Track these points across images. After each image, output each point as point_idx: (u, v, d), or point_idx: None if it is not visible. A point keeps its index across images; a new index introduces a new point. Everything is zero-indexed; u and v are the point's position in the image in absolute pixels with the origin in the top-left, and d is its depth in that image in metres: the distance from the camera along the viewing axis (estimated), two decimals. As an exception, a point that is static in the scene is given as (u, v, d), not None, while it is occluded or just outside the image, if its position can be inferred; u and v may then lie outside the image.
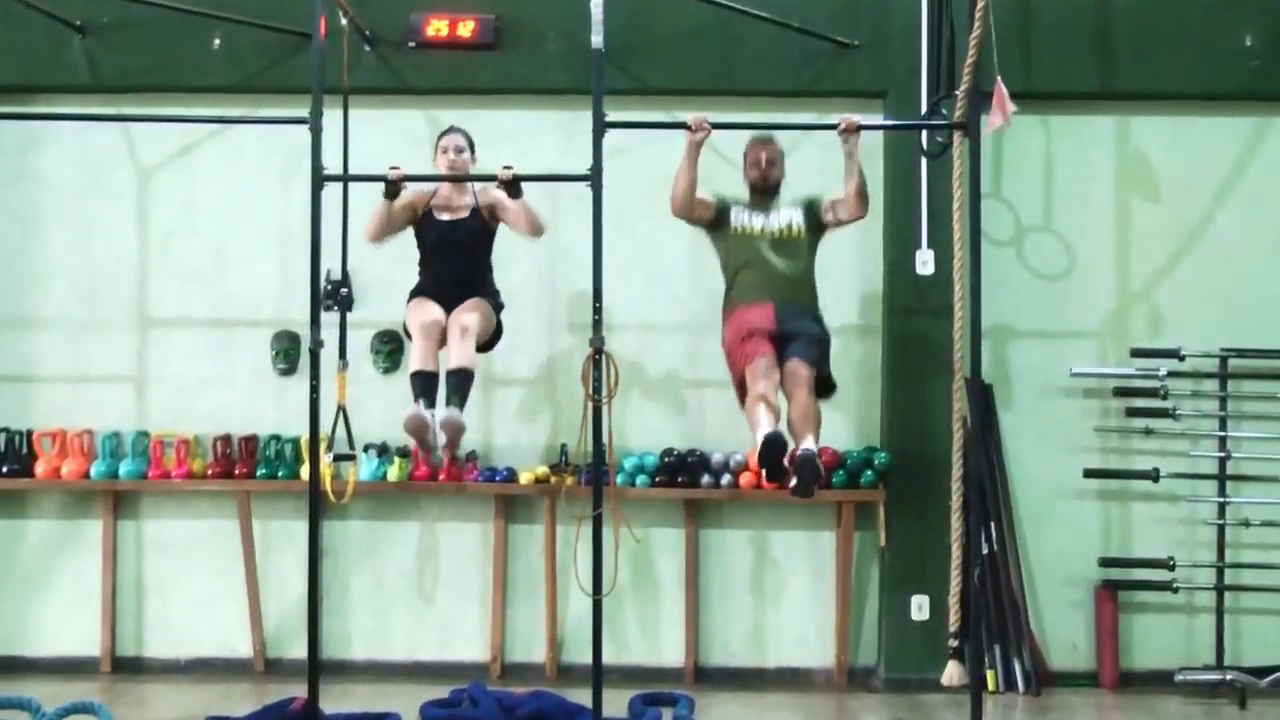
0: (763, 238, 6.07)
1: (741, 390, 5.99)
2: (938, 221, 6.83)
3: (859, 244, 7.01)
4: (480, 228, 6.22)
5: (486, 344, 6.28)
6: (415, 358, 5.98)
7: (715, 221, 6.18)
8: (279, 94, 7.05)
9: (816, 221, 6.18)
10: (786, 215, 6.13)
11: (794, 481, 5.77)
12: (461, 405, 5.91)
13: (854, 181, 5.99)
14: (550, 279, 7.21)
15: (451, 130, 6.34)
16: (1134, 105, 7.24)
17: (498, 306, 6.32)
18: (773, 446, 5.63)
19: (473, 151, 6.31)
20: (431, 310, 6.07)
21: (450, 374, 5.95)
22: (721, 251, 6.24)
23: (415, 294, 6.24)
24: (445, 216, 6.19)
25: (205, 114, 7.06)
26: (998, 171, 7.17)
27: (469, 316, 6.04)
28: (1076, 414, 7.15)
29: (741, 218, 6.13)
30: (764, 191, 6.16)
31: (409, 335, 6.15)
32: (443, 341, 6.05)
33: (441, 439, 5.82)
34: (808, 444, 5.74)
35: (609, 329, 5.92)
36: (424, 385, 5.95)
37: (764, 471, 5.77)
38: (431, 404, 5.91)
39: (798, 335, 5.97)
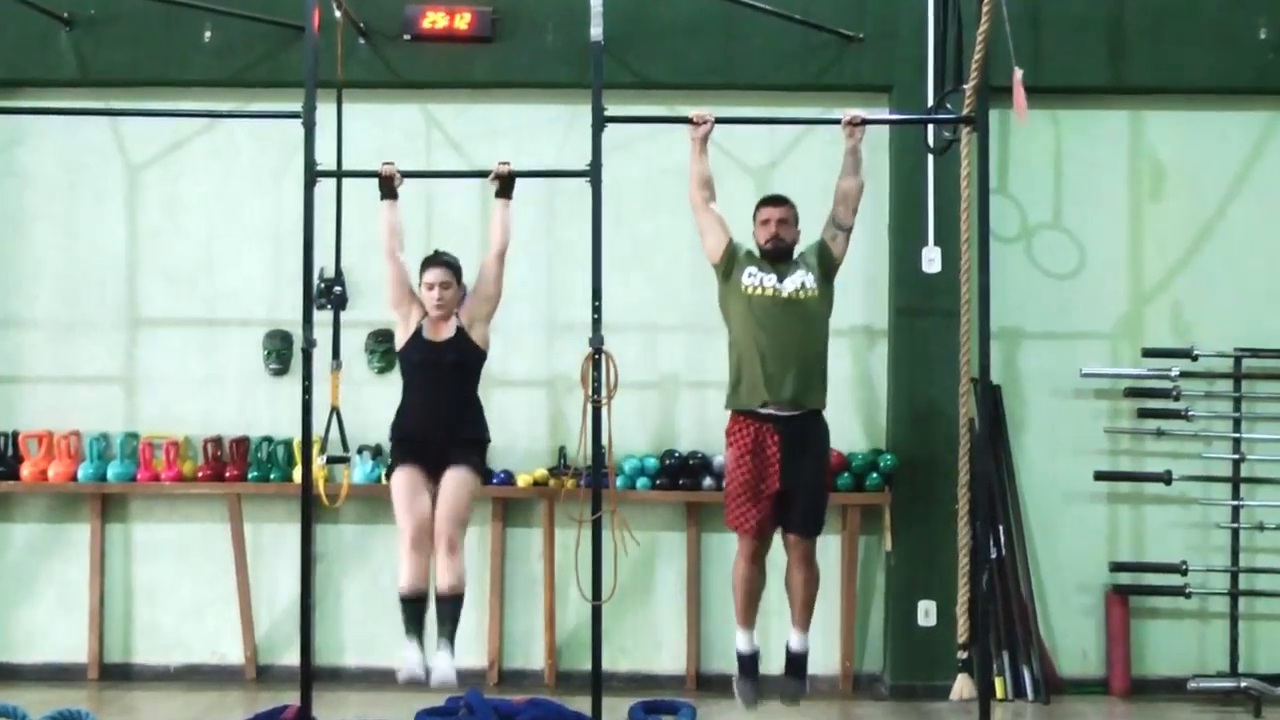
0: (777, 302, 5.77)
1: (733, 526, 5.83)
2: (944, 219, 6.85)
3: (864, 242, 7.01)
4: (467, 350, 5.94)
5: None
6: (405, 573, 5.77)
7: (725, 258, 5.89)
8: (271, 88, 7.08)
9: (828, 265, 5.89)
10: (798, 278, 5.83)
11: (782, 688, 5.87)
12: (453, 637, 5.75)
13: (855, 179, 5.90)
14: (548, 277, 7.24)
15: (436, 261, 5.98)
16: (1146, 99, 7.27)
17: (483, 450, 6.08)
18: (747, 671, 5.84)
19: (460, 281, 5.99)
20: (419, 505, 5.80)
21: (440, 600, 5.77)
22: (728, 308, 5.92)
23: (398, 445, 5.96)
24: (431, 338, 5.93)
25: (195, 108, 7.07)
26: (1006, 167, 7.20)
27: (456, 524, 5.80)
28: (1087, 415, 7.17)
29: (754, 279, 5.82)
30: (775, 255, 5.87)
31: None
32: (433, 499, 5.85)
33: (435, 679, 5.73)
34: (797, 640, 5.81)
35: (608, 328, 5.93)
36: (415, 616, 5.77)
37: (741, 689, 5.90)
38: (422, 640, 5.75)
39: (801, 490, 5.72)
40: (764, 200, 6.02)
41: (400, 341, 5.99)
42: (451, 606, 5.80)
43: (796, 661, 5.86)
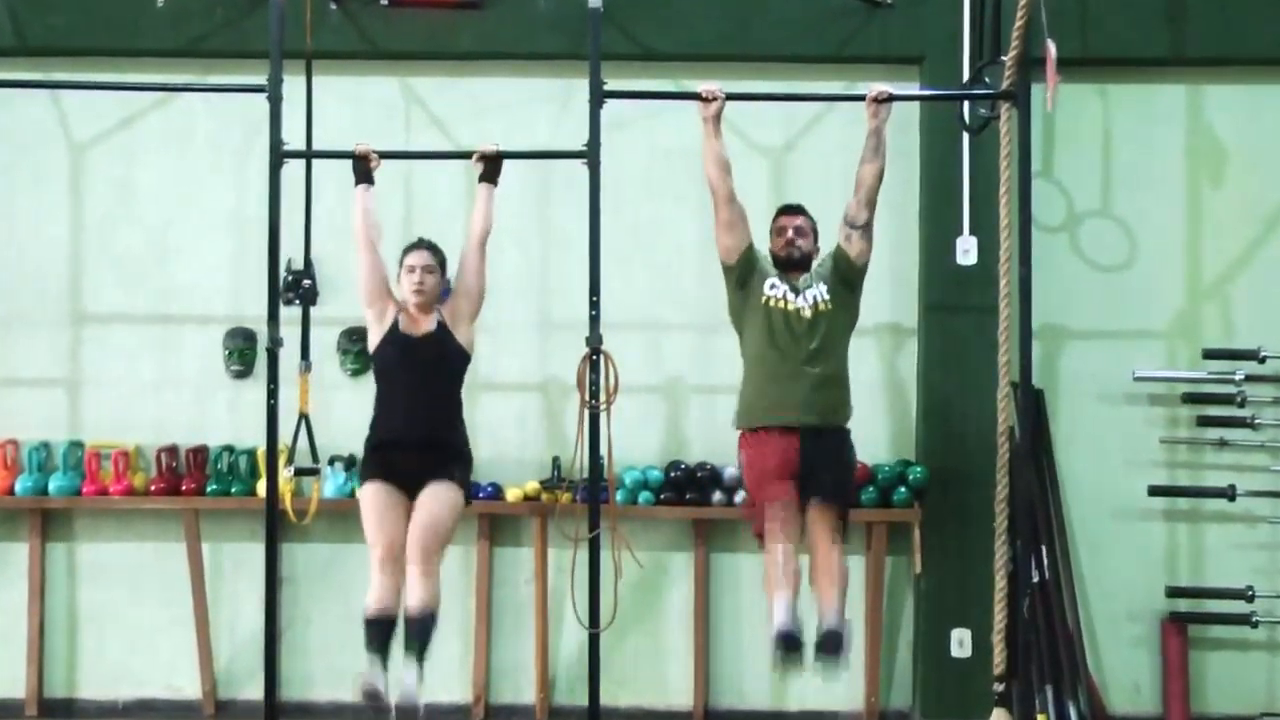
0: (797, 318, 5.91)
1: (755, 520, 5.95)
2: (981, 205, 6.98)
3: (892, 231, 7.14)
4: (449, 346, 6.03)
5: None
6: (373, 594, 5.79)
7: (742, 262, 6.01)
8: (232, 59, 7.22)
9: (845, 272, 6.01)
10: (813, 292, 5.95)
11: (818, 652, 5.76)
12: (422, 658, 5.72)
13: (875, 164, 5.97)
14: (541, 270, 7.37)
15: (419, 246, 6.14)
16: (1207, 71, 7.39)
17: (467, 466, 6.13)
18: (788, 646, 5.69)
19: (443, 271, 6.15)
20: (390, 525, 5.86)
21: (409, 619, 5.76)
22: (742, 319, 6.04)
23: (370, 457, 6.03)
24: (408, 333, 6.03)
25: (147, 81, 7.22)
26: (1050, 148, 7.33)
27: (432, 541, 5.82)
28: (1140, 424, 7.30)
29: (771, 289, 5.96)
30: (790, 265, 6.01)
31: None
32: (408, 521, 5.89)
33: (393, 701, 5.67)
34: (832, 616, 5.74)
35: (607, 326, 6.08)
36: (379, 637, 5.77)
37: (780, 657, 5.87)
38: (385, 661, 5.74)
39: (825, 472, 5.88)
40: (782, 209, 6.15)
41: (374, 340, 6.05)
42: (420, 627, 5.73)
43: (832, 632, 5.74)
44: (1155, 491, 7.20)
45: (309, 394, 6.59)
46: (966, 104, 6.92)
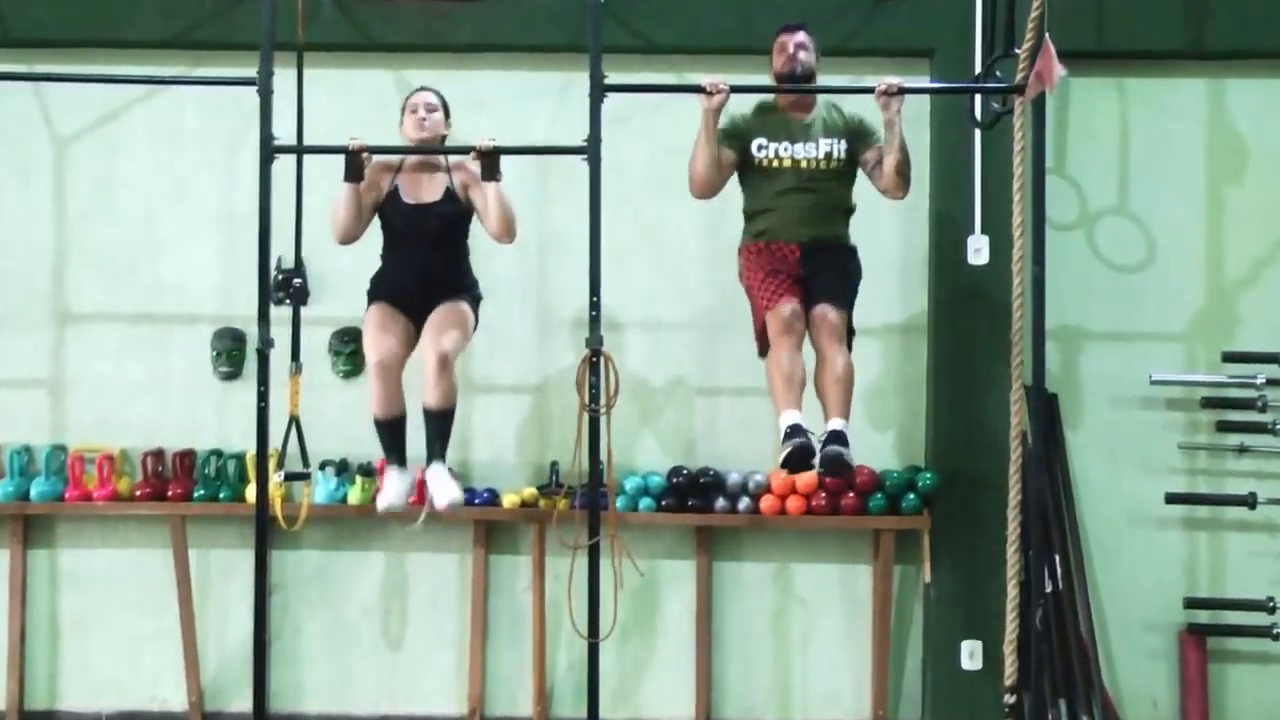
0: (794, 171, 6.21)
1: (762, 337, 6.21)
2: (993, 203, 7.01)
3: (900, 229, 7.21)
4: (455, 213, 6.41)
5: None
6: (376, 401, 6.30)
7: (739, 160, 6.32)
8: (221, 51, 7.26)
9: (855, 151, 6.32)
10: (826, 145, 6.27)
11: (822, 460, 5.95)
12: (444, 453, 6.26)
13: (895, 157, 6.15)
14: (540, 268, 7.41)
15: (422, 88, 6.58)
16: (1227, 65, 7.41)
17: (475, 301, 6.56)
18: (798, 457, 5.84)
19: (447, 116, 6.53)
20: (390, 338, 6.27)
21: (429, 415, 6.22)
22: (743, 177, 6.39)
23: (377, 291, 6.46)
24: (413, 200, 6.37)
25: (134, 73, 7.18)
26: (1064, 144, 7.37)
27: (447, 340, 6.25)
28: (1157, 429, 7.33)
29: (764, 150, 6.27)
30: (793, 78, 6.27)
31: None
32: (410, 346, 6.34)
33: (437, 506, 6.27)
34: (836, 423, 5.94)
35: (608, 326, 6.14)
36: (392, 437, 6.33)
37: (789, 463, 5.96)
38: (403, 461, 6.32)
39: (827, 271, 6.19)
40: (782, 28, 6.41)
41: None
42: (440, 423, 6.18)
43: (836, 434, 5.95)
44: (1173, 499, 7.23)
45: (300, 396, 6.62)
46: (978, 98, 6.95)
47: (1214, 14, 7.26)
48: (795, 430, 5.88)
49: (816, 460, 5.91)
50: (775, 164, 6.24)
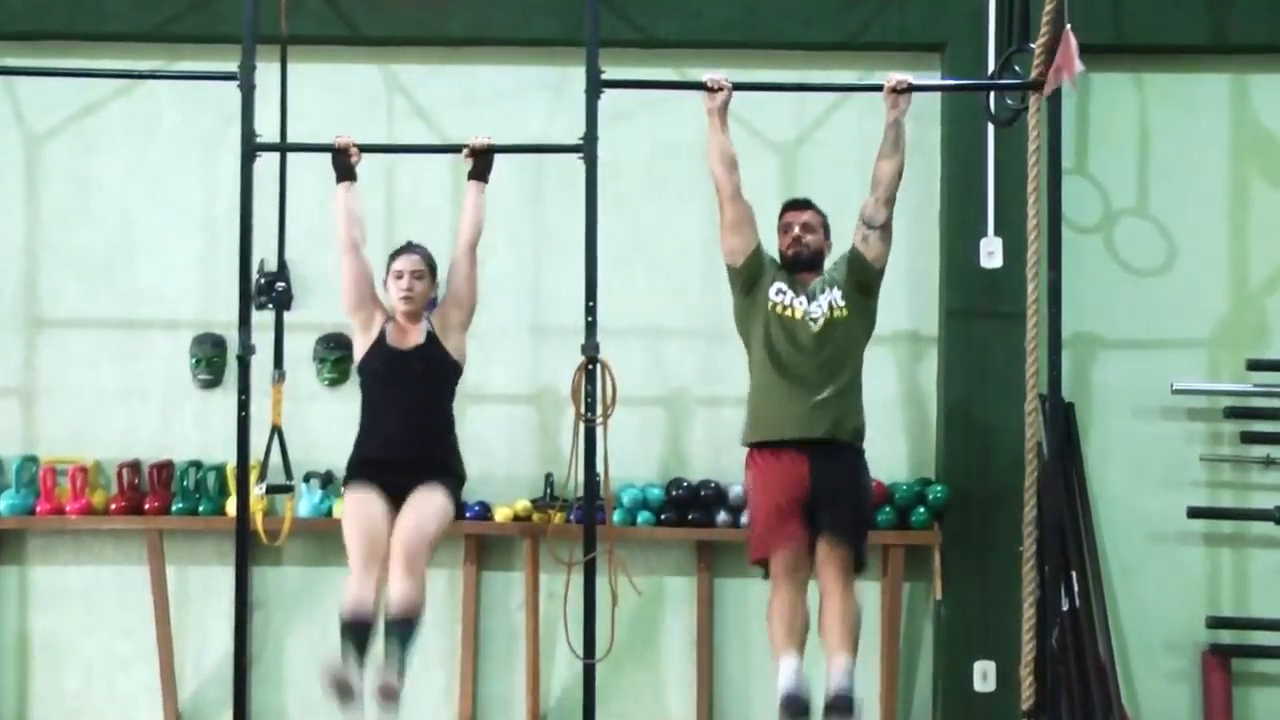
0: (805, 327, 6.01)
1: (758, 547, 6.04)
2: (1008, 204, 7.03)
3: (911, 230, 7.21)
4: (439, 359, 6.18)
5: None
6: (349, 596, 5.85)
7: (748, 264, 6.10)
8: (202, 44, 7.30)
9: (861, 275, 6.10)
10: (825, 298, 6.05)
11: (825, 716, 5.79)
12: (403, 663, 5.77)
13: (894, 160, 6.07)
14: (534, 272, 7.44)
15: (408, 250, 6.30)
16: (1252, 60, 7.47)
17: (458, 481, 6.28)
18: (794, 712, 5.74)
19: (434, 277, 6.31)
20: (372, 526, 5.97)
21: (392, 624, 5.81)
22: (748, 328, 6.14)
23: (355, 469, 6.19)
24: (397, 344, 6.18)
25: (110, 67, 7.28)
26: (1083, 142, 7.41)
27: (418, 540, 5.93)
28: (1179, 440, 7.36)
29: (783, 295, 6.06)
30: (799, 264, 6.11)
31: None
32: (389, 535, 6.00)
33: (377, 700, 5.68)
34: (840, 676, 5.75)
35: (605, 333, 6.16)
36: (356, 639, 5.81)
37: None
38: (361, 660, 5.78)
39: (837, 497, 5.95)
40: (788, 205, 6.25)
41: (360, 351, 6.20)
42: (402, 631, 5.76)
43: (841, 693, 5.77)
44: (1195, 513, 7.25)
45: (283, 405, 6.65)
46: (992, 95, 6.96)
47: (1238, 6, 7.31)
48: (792, 705, 5.75)
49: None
50: (789, 314, 6.02)
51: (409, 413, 6.13)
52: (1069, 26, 5.99)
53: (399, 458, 6.07)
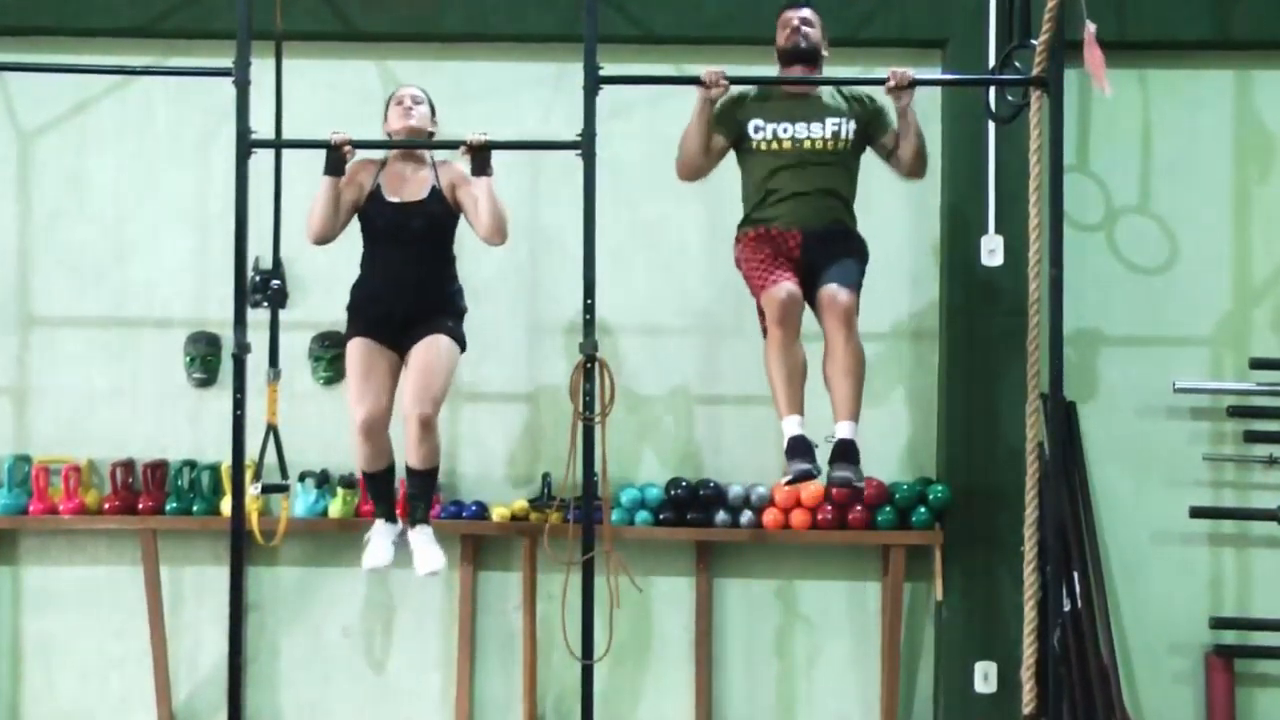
0: (794, 152, 6.19)
1: (764, 317, 6.18)
2: (1009, 201, 7.06)
3: (911, 228, 7.26)
4: (441, 213, 6.41)
5: None
6: (361, 457, 6.36)
7: (734, 141, 6.31)
8: (195, 39, 7.32)
9: (870, 134, 6.32)
10: (834, 124, 6.24)
11: (830, 476, 5.95)
12: (427, 515, 6.43)
13: (912, 142, 6.22)
14: (531, 270, 7.45)
15: (405, 86, 6.64)
16: (1256, 56, 7.46)
17: (459, 316, 6.51)
18: (800, 453, 5.87)
19: (433, 113, 6.56)
20: (373, 390, 6.25)
21: (411, 474, 6.36)
22: (741, 161, 6.37)
23: (356, 313, 6.40)
24: (396, 199, 6.38)
25: (102, 63, 7.27)
26: (1084, 139, 7.42)
27: (429, 398, 6.24)
28: (1182, 439, 7.38)
29: (761, 132, 6.24)
30: (796, 56, 6.29)
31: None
32: (394, 387, 6.36)
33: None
34: (844, 430, 5.92)
35: (603, 331, 6.20)
36: (379, 489, 6.44)
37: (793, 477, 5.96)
38: (392, 514, 6.43)
39: (832, 253, 6.16)
40: (786, 4, 6.46)
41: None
42: (423, 482, 6.26)
43: (845, 447, 5.95)
44: (1198, 513, 7.27)
45: (278, 404, 6.68)
46: (993, 91, 6.99)
47: (1241, 1, 7.31)
48: (798, 448, 5.88)
49: (824, 478, 5.93)
50: (774, 146, 6.22)
51: (410, 266, 6.37)
52: (1093, 28, 6.00)
53: (398, 314, 6.32)
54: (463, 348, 6.51)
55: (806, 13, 6.39)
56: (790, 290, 6.04)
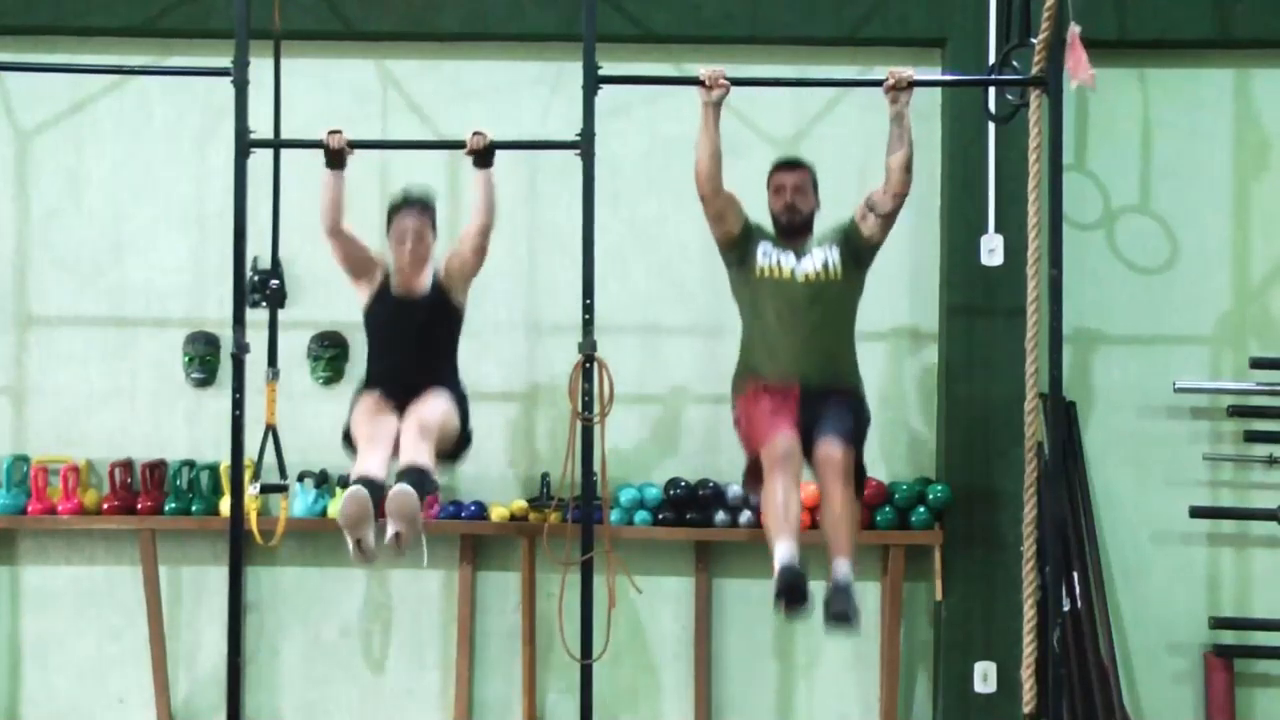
0: (793, 285, 6.08)
1: (751, 472, 6.05)
2: (1009, 201, 7.09)
3: (912, 228, 7.25)
4: (443, 304, 6.30)
5: (449, 453, 6.33)
6: (358, 465, 5.98)
7: (739, 243, 6.19)
8: (194, 39, 7.35)
9: (856, 247, 6.17)
10: (820, 256, 6.13)
11: (827, 614, 5.78)
12: (421, 496, 5.84)
13: (902, 152, 6.13)
14: (530, 269, 7.49)
15: (406, 205, 6.36)
16: (1256, 55, 7.50)
17: (463, 403, 6.36)
18: (791, 585, 5.69)
19: (434, 228, 6.36)
20: (382, 421, 6.11)
21: (402, 471, 5.93)
22: (740, 295, 6.24)
23: (362, 390, 6.33)
24: (402, 292, 6.29)
25: (100, 63, 7.30)
26: (1084, 139, 7.45)
27: (429, 410, 6.08)
28: (1181, 439, 7.41)
29: (768, 257, 6.14)
30: (791, 228, 6.17)
31: (351, 447, 6.20)
32: (395, 451, 6.11)
33: (390, 529, 5.71)
34: (841, 569, 5.74)
35: (602, 330, 6.19)
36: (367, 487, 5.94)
37: (783, 603, 5.89)
38: (377, 498, 5.81)
39: (831, 410, 6.00)
40: (777, 165, 6.30)
41: (363, 299, 6.30)
42: (416, 476, 5.84)
43: (841, 588, 5.77)
44: (1198, 513, 7.30)
45: (277, 404, 6.70)
46: (992, 90, 7.01)
47: (1242, 1, 7.33)
48: (789, 578, 5.71)
49: (821, 613, 5.78)
50: (776, 274, 6.11)
51: (415, 360, 6.26)
52: (1077, 30, 6.00)
53: (404, 392, 6.18)
54: (465, 439, 6.37)
55: (798, 178, 6.22)
56: (791, 441, 5.89)
